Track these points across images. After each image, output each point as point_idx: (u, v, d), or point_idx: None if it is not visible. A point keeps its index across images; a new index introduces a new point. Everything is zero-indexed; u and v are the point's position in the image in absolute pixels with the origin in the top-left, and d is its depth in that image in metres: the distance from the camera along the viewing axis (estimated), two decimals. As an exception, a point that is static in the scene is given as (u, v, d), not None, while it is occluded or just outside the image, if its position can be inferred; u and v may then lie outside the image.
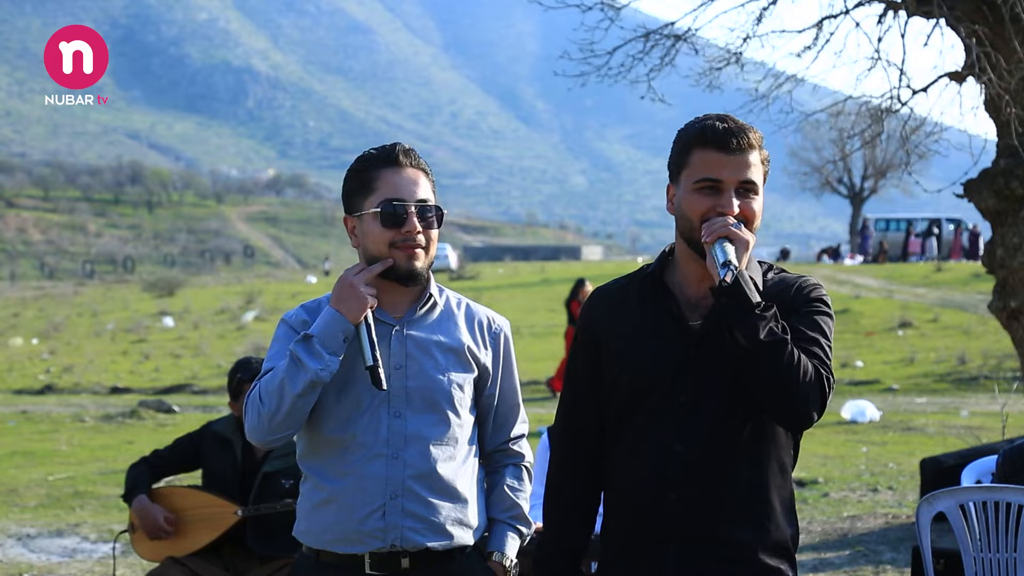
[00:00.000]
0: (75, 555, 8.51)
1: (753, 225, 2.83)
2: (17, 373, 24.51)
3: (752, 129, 2.84)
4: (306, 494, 3.08)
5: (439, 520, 3.01)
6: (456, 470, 3.04)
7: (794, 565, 2.89)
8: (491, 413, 3.19)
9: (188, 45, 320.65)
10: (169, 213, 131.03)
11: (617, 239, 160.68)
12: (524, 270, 51.85)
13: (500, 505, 3.20)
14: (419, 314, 3.08)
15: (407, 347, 3.04)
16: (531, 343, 25.16)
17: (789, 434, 2.90)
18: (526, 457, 3.27)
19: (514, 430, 3.24)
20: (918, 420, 14.83)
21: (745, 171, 2.80)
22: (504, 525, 3.19)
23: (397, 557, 2.99)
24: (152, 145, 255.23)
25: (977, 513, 4.66)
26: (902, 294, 30.60)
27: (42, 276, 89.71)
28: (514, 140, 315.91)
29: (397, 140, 3.16)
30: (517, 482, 3.22)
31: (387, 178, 3.02)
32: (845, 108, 9.84)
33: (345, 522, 2.98)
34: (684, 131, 2.89)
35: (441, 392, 3.03)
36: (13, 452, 13.79)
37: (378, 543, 2.97)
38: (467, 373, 3.08)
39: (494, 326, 3.18)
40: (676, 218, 2.89)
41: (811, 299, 2.86)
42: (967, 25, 8.18)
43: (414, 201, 3.02)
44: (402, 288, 3.06)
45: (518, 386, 3.25)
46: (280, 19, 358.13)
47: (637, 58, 8.88)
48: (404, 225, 3.00)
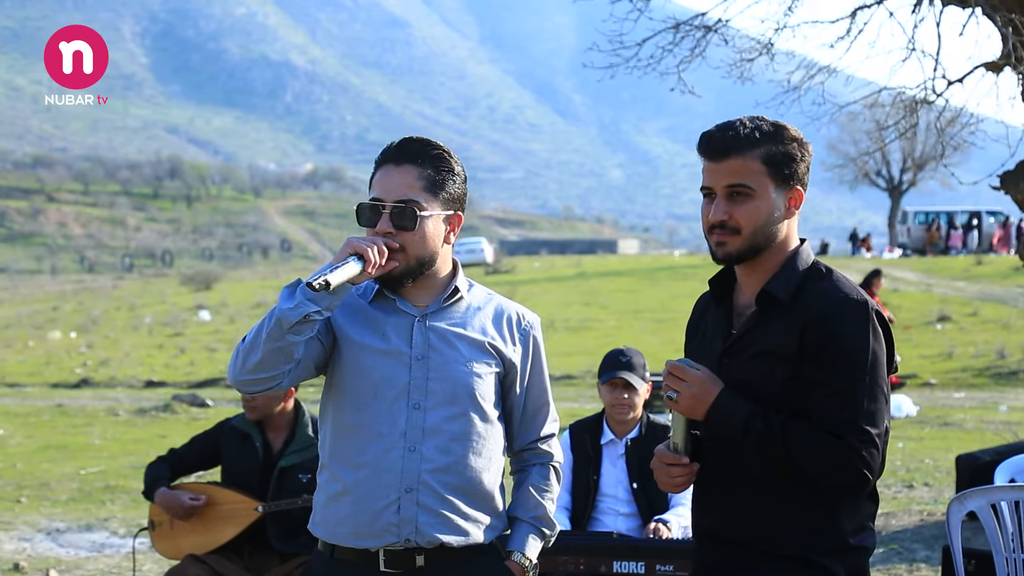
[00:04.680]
0: (103, 550, 8.52)
1: (748, 230, 2.77)
2: (55, 366, 24.69)
3: (751, 129, 2.77)
4: (322, 485, 3.02)
5: (455, 516, 2.94)
6: (476, 466, 2.97)
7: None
8: (519, 411, 3.12)
9: (226, 40, 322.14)
10: (207, 207, 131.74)
11: (654, 232, 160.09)
12: (560, 264, 51.76)
13: (524, 505, 3.14)
14: (443, 306, 3.02)
15: (429, 338, 2.97)
16: (565, 337, 25.07)
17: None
18: (555, 457, 3.20)
19: (543, 429, 3.17)
20: (956, 415, 14.65)
21: (730, 176, 2.77)
22: (526, 525, 3.12)
23: (412, 554, 2.92)
24: (191, 139, 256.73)
25: (1010, 512, 4.55)
26: (941, 287, 30.30)
27: (82, 270, 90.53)
28: (551, 134, 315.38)
29: (433, 134, 3.10)
30: (544, 482, 3.15)
31: (378, 177, 2.98)
32: (880, 99, 9.71)
33: (360, 515, 2.92)
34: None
35: (463, 385, 2.96)
36: (47, 446, 13.87)
37: (392, 538, 2.91)
38: (491, 367, 3.01)
39: (523, 322, 3.11)
40: None
41: (834, 339, 2.71)
42: (1003, 14, 8.04)
43: (390, 201, 2.94)
44: (424, 280, 2.99)
45: (547, 384, 3.18)
46: (318, 13, 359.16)
47: (667, 50, 8.78)
48: (375, 227, 2.93)
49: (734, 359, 2.81)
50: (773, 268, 2.82)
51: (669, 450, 2.84)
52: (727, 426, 2.73)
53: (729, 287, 2.93)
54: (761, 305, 2.81)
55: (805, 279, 2.80)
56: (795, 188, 2.81)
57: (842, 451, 2.66)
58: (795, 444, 2.67)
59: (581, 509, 5.09)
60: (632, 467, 5.07)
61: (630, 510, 5.05)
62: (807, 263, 2.83)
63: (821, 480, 2.70)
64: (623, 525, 5.03)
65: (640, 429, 5.11)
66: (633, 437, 5.09)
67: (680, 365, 2.78)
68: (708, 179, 2.81)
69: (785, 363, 2.73)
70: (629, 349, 5.12)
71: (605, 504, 5.09)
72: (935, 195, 59.05)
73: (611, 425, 5.13)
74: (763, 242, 2.80)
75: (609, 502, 5.09)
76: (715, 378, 2.77)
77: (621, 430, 5.11)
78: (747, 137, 2.76)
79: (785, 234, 2.83)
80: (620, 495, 5.08)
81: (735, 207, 2.77)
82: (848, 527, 2.76)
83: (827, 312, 2.72)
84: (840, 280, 2.80)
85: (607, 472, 5.11)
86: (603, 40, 9.04)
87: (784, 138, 2.80)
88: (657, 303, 31.71)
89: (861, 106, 10.05)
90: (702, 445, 2.85)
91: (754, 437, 2.69)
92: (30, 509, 10.04)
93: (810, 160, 2.84)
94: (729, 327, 2.87)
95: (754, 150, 2.77)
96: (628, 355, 5.06)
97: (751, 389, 2.75)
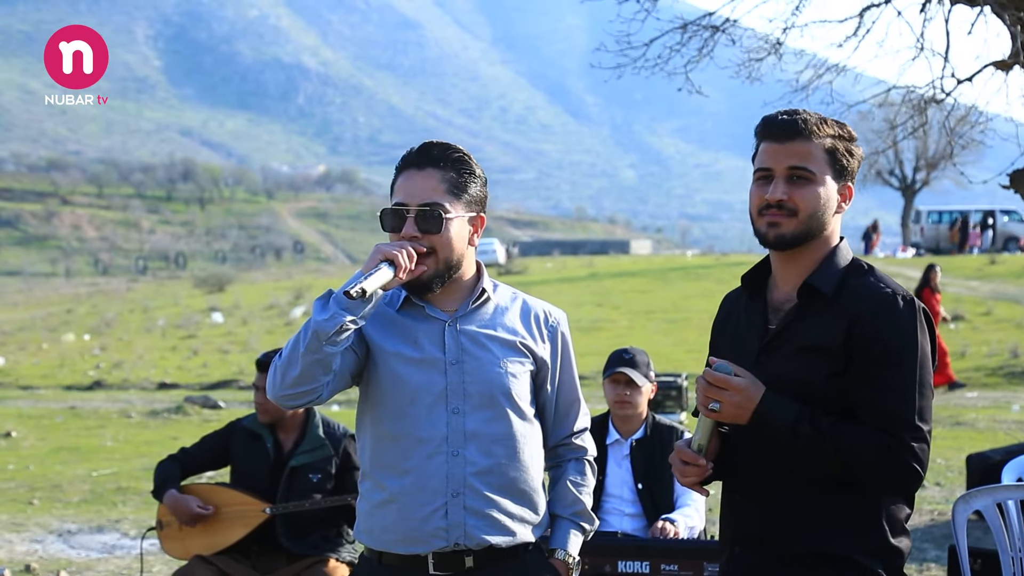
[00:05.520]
0: (114, 551, 8.55)
1: (805, 213, 2.76)
2: (68, 369, 24.76)
3: (817, 118, 2.79)
4: (365, 494, 3.03)
5: (502, 517, 2.96)
6: (518, 465, 3.00)
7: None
8: (552, 407, 3.14)
9: (239, 42, 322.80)
10: (220, 209, 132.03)
11: (667, 233, 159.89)
12: (572, 264, 51.70)
13: (563, 501, 3.16)
14: (471, 308, 3.04)
15: (461, 342, 2.99)
16: (577, 337, 24.67)
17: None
18: (589, 451, 3.23)
19: (576, 424, 3.19)
20: (968, 415, 14.61)
21: (793, 158, 2.76)
22: (567, 522, 3.15)
23: (461, 556, 2.94)
24: (204, 142, 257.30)
25: (1016, 512, 4.53)
26: (954, 287, 30.20)
27: (96, 272, 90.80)
28: (563, 134, 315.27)
29: (446, 135, 3.11)
30: (580, 477, 3.18)
31: (400, 182, 2.99)
32: (889, 98, 9.69)
33: (407, 522, 2.94)
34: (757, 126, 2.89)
35: (499, 386, 2.98)
36: (59, 448, 13.91)
37: (441, 542, 2.93)
38: (524, 366, 3.04)
39: (551, 319, 3.14)
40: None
41: (884, 336, 2.70)
42: (1012, 12, 8.03)
43: (415, 205, 2.95)
44: (450, 284, 3.01)
45: (577, 379, 3.20)
46: (330, 15, 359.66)
47: (675, 50, 8.78)
48: (400, 231, 2.95)
49: (773, 355, 2.79)
50: (814, 262, 2.81)
51: (691, 448, 2.80)
52: (773, 430, 2.69)
53: (762, 282, 2.91)
54: (803, 299, 2.78)
55: (847, 275, 2.79)
56: (847, 184, 2.83)
57: (896, 449, 2.65)
58: (847, 445, 2.64)
59: (587, 509, 5.09)
60: (637, 467, 5.07)
61: (635, 510, 5.05)
62: (847, 259, 2.83)
63: (874, 479, 2.67)
64: (628, 525, 5.03)
65: (645, 430, 5.12)
66: (638, 438, 5.10)
67: (719, 375, 2.71)
68: (768, 160, 2.79)
69: (830, 358, 2.71)
70: (634, 348, 5.15)
71: (610, 504, 5.10)
72: (949, 194, 58.86)
73: (616, 425, 5.13)
74: (815, 229, 2.78)
75: (614, 502, 5.09)
76: (756, 382, 2.73)
77: (626, 430, 5.12)
78: (816, 123, 2.78)
79: (831, 228, 2.83)
80: (625, 495, 5.08)
81: (795, 189, 2.76)
82: (890, 527, 2.74)
83: (877, 308, 2.71)
84: (884, 277, 2.80)
85: (612, 472, 5.11)
86: (613, 41, 9.05)
87: (845, 134, 2.82)
88: (669, 303, 31.67)
89: (870, 105, 10.03)
90: (731, 444, 2.84)
91: (803, 440, 2.66)
92: (42, 511, 10.08)
93: (860, 161, 2.86)
94: (765, 322, 2.84)
95: (820, 138, 2.78)
96: (632, 353, 5.10)
97: (793, 385, 2.72)
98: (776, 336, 2.80)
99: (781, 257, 2.84)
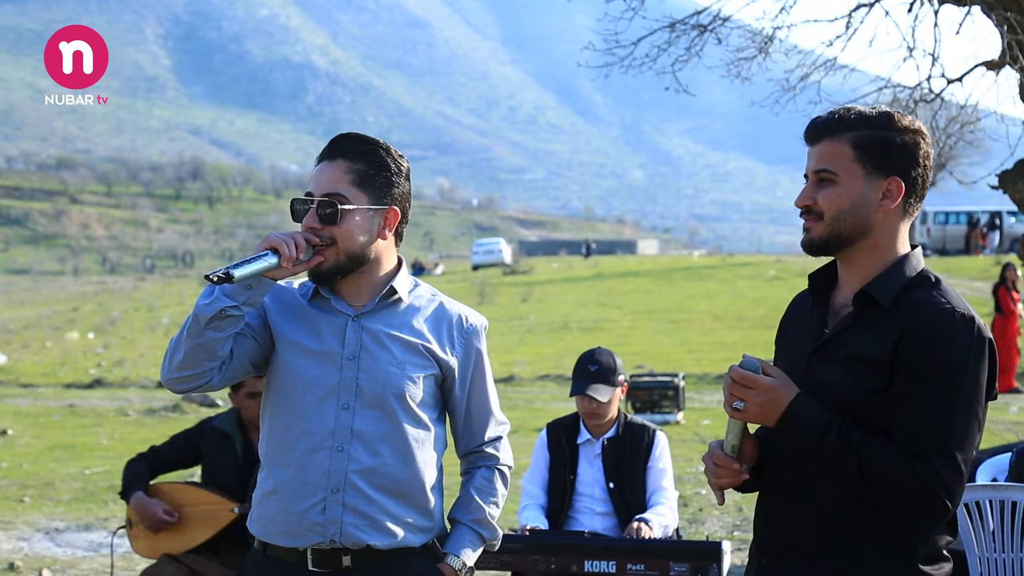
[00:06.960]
0: (100, 549, 8.55)
1: (829, 215, 2.62)
2: (70, 367, 24.81)
3: (844, 115, 2.63)
4: (259, 483, 3.01)
5: (383, 518, 2.90)
6: (405, 468, 2.93)
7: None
8: (462, 414, 3.08)
9: (249, 42, 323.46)
10: (229, 208, 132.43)
11: (675, 233, 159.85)
12: (577, 264, 51.69)
13: (464, 507, 3.10)
14: (379, 306, 2.98)
15: (362, 338, 2.94)
16: (579, 338, 25.01)
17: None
18: (501, 460, 3.16)
19: (487, 432, 3.12)
20: (965, 416, 14.55)
21: (818, 160, 2.65)
22: (464, 528, 3.08)
23: (338, 554, 2.90)
24: (213, 141, 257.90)
25: (984, 512, 4.51)
26: (959, 288, 30.10)
27: (104, 271, 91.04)
28: (572, 134, 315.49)
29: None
30: (487, 485, 3.11)
31: (312, 172, 2.98)
32: (880, 98, 9.66)
33: (288, 514, 2.90)
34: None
35: (393, 386, 2.92)
36: (54, 446, 13.93)
37: (318, 538, 2.88)
38: (425, 369, 2.97)
39: (466, 325, 3.06)
40: None
41: (932, 351, 2.50)
42: (999, 12, 7.99)
43: (318, 195, 2.93)
44: (359, 279, 2.97)
45: (491, 388, 3.13)
46: (339, 15, 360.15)
47: (662, 48, 8.75)
48: (303, 221, 2.94)
49: (822, 361, 2.63)
50: (875, 269, 2.64)
51: (723, 450, 2.65)
52: (799, 436, 2.55)
53: (830, 285, 2.76)
54: (858, 307, 2.62)
55: (910, 286, 2.62)
56: (893, 178, 2.61)
57: (923, 474, 2.45)
58: (871, 461, 2.47)
59: (557, 508, 5.08)
60: (609, 467, 5.05)
61: (606, 509, 5.04)
62: (916, 269, 2.66)
63: (895, 503, 2.49)
64: (599, 524, 5.02)
65: (617, 429, 5.10)
66: (610, 437, 5.08)
67: (746, 374, 2.57)
68: (807, 164, 2.70)
69: (876, 372, 2.53)
70: (600, 352, 5.08)
71: (582, 503, 5.08)
72: (956, 195, 58.71)
73: (587, 425, 5.11)
74: (848, 231, 2.62)
75: (586, 501, 5.08)
76: (788, 383, 2.58)
77: (598, 430, 5.10)
78: (840, 120, 2.63)
79: (883, 229, 2.65)
80: (596, 494, 5.07)
81: (819, 192, 2.65)
82: (921, 552, 2.55)
83: (929, 323, 2.52)
84: (948, 292, 2.60)
85: (584, 472, 5.10)
86: (611, 40, 9.03)
87: (883, 124, 2.63)
88: (672, 304, 31.63)
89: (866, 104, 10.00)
90: (768, 451, 2.71)
91: (828, 450, 2.51)
92: (32, 509, 10.09)
93: (923, 154, 2.64)
94: (822, 327, 2.69)
95: (844, 133, 2.63)
96: (598, 363, 5.01)
97: (834, 395, 2.57)
98: (827, 342, 2.65)
99: (839, 261, 2.72)
